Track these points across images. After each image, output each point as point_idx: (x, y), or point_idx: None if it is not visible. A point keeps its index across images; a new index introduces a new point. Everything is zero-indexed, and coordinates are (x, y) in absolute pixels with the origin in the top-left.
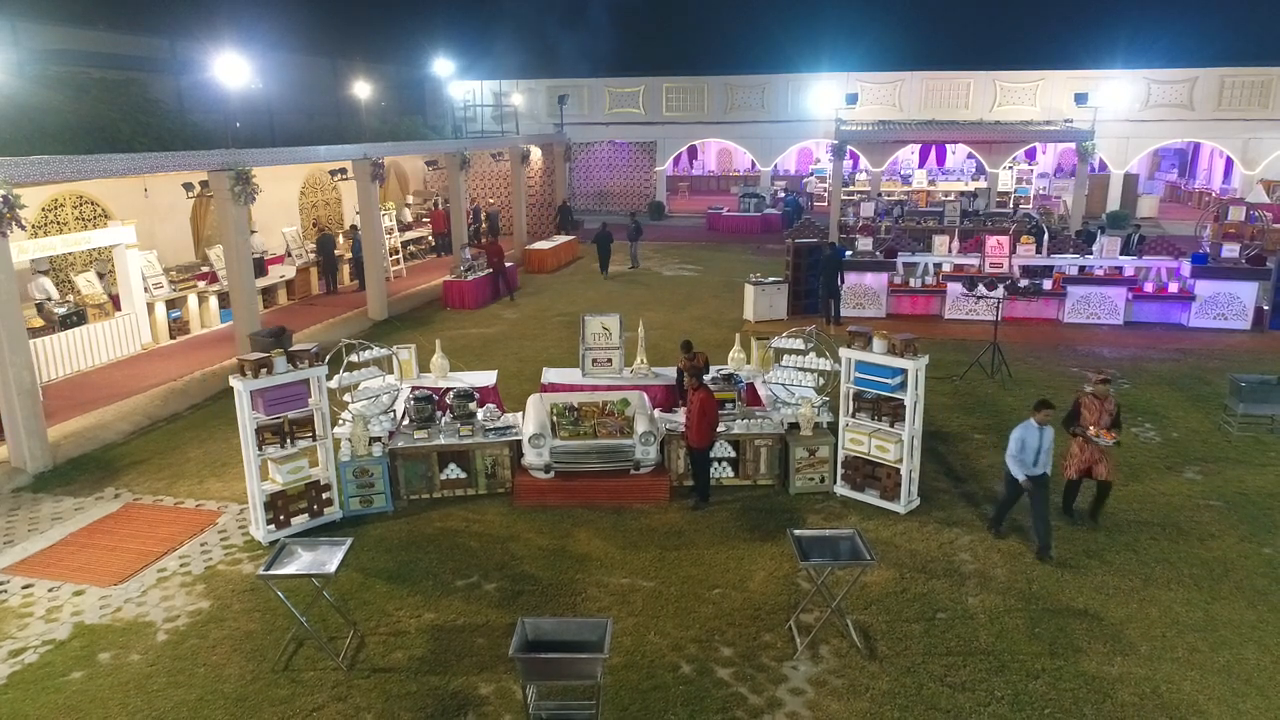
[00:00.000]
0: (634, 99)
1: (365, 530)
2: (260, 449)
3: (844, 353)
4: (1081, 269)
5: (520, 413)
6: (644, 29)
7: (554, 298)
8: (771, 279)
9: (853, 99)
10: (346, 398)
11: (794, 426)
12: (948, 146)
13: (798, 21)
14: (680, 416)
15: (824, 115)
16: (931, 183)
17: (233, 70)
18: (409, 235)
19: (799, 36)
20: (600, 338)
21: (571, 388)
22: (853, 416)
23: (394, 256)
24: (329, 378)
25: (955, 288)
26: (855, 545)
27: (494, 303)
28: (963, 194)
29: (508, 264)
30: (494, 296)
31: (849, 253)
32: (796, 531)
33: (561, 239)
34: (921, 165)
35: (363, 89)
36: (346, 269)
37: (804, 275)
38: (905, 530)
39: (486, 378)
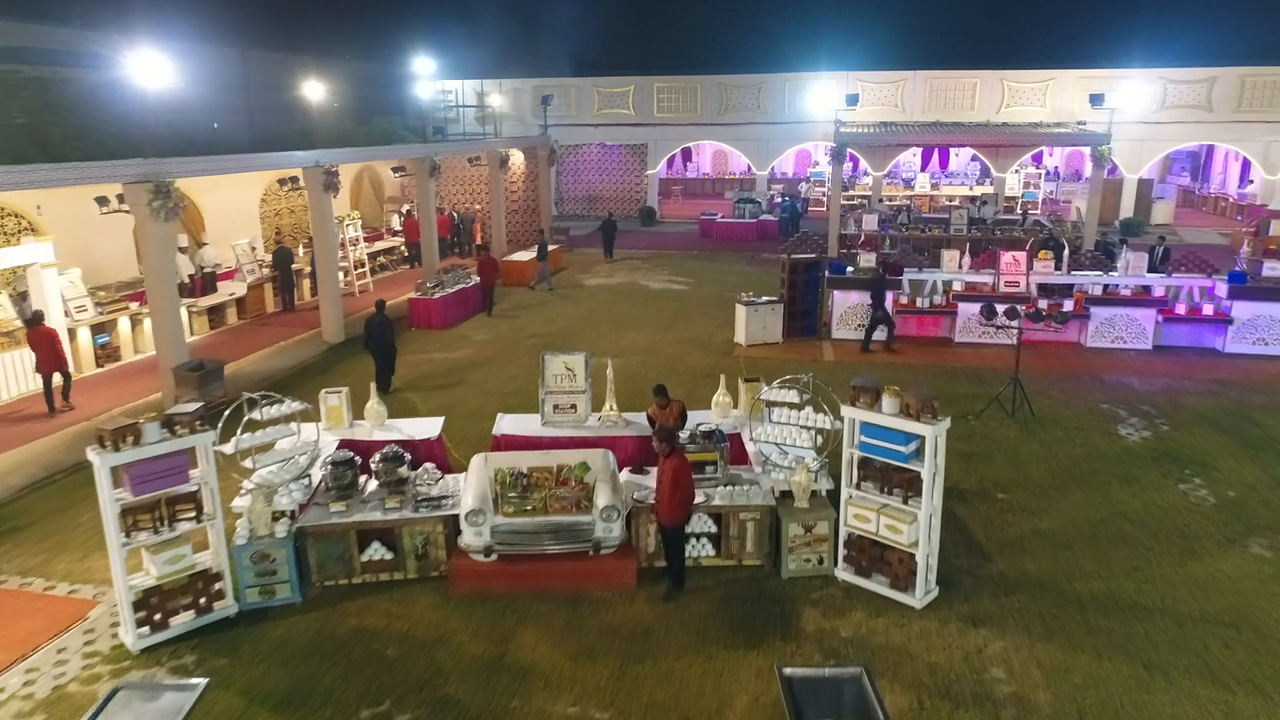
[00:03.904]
0: (624, 99)
1: (263, 630)
2: (128, 536)
3: (847, 412)
4: (1105, 288)
5: (467, 473)
6: (634, 26)
7: (530, 315)
8: (765, 298)
9: (853, 99)
10: (249, 462)
11: (786, 495)
12: (951, 149)
13: (795, 18)
14: (653, 479)
15: (823, 116)
16: (935, 186)
17: (153, 69)
18: (380, 245)
19: (797, 34)
20: (563, 380)
21: (528, 442)
22: (857, 488)
23: (359, 269)
24: (226, 439)
25: (967, 308)
26: (863, 692)
27: (465, 321)
28: (969, 199)
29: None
30: (477, 311)
31: (850, 269)
32: (786, 670)
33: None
34: (924, 168)
35: (330, 89)
36: (308, 284)
37: (800, 294)
38: (922, 632)
39: (429, 427)
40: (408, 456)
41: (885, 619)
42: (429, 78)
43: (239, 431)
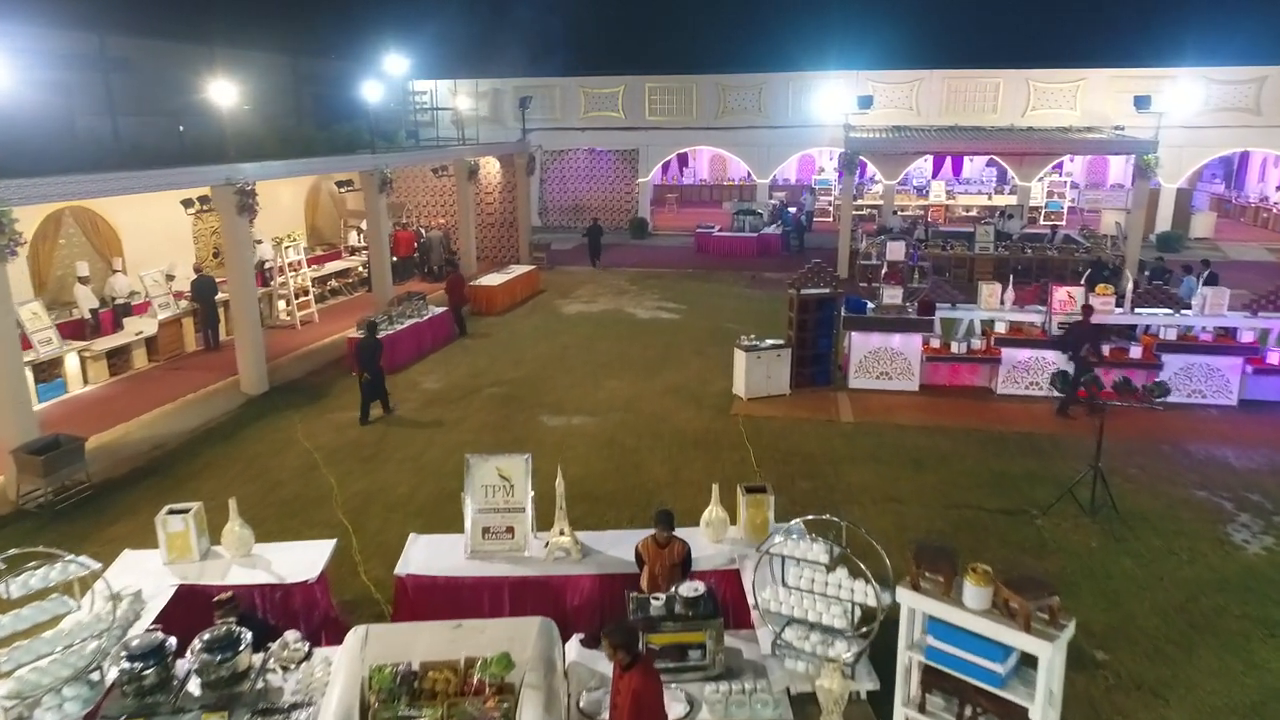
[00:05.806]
0: (613, 100)
1: None
2: None
3: (907, 599)
4: (1179, 330)
5: (335, 663)
6: (624, 21)
7: (497, 352)
8: (769, 342)
9: (866, 102)
10: (4, 656)
11: (808, 697)
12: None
13: (800, 13)
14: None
15: (830, 120)
16: (950, 195)
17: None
18: (335, 266)
19: (801, 30)
20: (496, 492)
21: (448, 586)
22: (920, 709)
23: (301, 299)
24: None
25: (1011, 354)
26: None
27: (419, 362)
28: (990, 210)
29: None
30: (436, 348)
31: (871, 306)
32: None
33: (519, 269)
34: (935, 174)
35: (255, 89)
36: None
37: (811, 335)
38: None
39: (311, 559)
40: (247, 637)
41: None
42: (399, 77)
43: None
